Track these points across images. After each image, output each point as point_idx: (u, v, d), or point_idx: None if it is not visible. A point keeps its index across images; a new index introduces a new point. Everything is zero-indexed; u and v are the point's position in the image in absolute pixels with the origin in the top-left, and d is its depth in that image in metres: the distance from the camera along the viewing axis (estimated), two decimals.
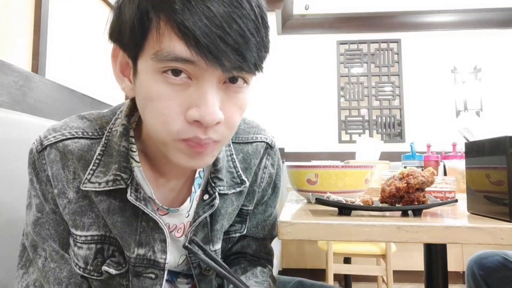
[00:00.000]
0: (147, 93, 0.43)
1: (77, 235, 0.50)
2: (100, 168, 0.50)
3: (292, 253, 2.79)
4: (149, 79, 0.42)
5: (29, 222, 0.52)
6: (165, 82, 0.42)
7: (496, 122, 3.10)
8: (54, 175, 0.50)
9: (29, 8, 0.95)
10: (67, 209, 0.50)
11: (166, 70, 0.41)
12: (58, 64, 1.08)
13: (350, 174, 0.84)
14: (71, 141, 0.51)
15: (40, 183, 0.51)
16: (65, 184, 0.50)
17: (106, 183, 0.49)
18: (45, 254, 0.51)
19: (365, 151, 1.89)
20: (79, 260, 0.51)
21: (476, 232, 0.55)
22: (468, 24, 3.19)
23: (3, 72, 0.80)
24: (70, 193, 0.50)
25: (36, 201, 0.51)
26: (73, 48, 1.16)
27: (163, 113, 0.42)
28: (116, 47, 0.48)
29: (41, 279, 0.51)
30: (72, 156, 0.51)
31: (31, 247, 0.52)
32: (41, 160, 0.51)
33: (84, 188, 0.50)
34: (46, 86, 0.95)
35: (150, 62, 0.42)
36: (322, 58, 3.28)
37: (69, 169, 0.51)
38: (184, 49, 0.39)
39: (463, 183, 1.21)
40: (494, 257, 1.19)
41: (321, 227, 0.57)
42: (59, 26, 1.08)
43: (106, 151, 0.51)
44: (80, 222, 0.50)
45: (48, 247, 0.51)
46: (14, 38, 0.90)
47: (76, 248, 0.51)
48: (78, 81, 1.18)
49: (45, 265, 0.51)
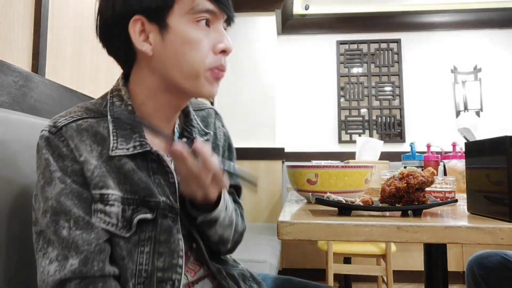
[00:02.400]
0: (185, 39, 0.58)
1: (108, 194, 0.57)
2: (120, 138, 0.59)
3: (292, 253, 2.79)
4: (186, 28, 0.58)
5: (51, 196, 0.55)
6: (198, 29, 0.59)
7: (496, 122, 3.10)
8: (76, 147, 0.57)
9: (29, 8, 0.95)
10: (95, 173, 0.57)
11: (199, 19, 0.59)
12: (58, 64, 1.08)
13: (350, 174, 0.84)
14: (81, 121, 0.59)
15: (57, 160, 0.56)
16: (87, 154, 0.57)
17: (134, 147, 0.59)
18: (68, 225, 0.54)
19: (365, 151, 1.89)
20: (112, 217, 0.56)
21: (476, 232, 0.55)
22: (468, 24, 3.19)
23: (3, 72, 0.80)
24: (93, 161, 0.57)
25: (57, 175, 0.55)
26: (73, 48, 1.16)
27: (200, 49, 0.59)
28: (137, 18, 0.58)
29: (65, 251, 0.53)
30: (86, 132, 0.59)
31: (52, 222, 0.54)
32: (59, 138, 0.57)
33: (114, 154, 0.58)
34: (46, 86, 0.95)
35: (185, 15, 0.58)
36: (322, 58, 3.28)
37: (85, 142, 0.58)
38: (209, 4, 0.59)
39: (463, 183, 1.22)
40: (494, 257, 1.19)
41: (321, 227, 0.57)
42: (59, 26, 1.08)
43: (116, 124, 0.61)
44: (109, 183, 0.57)
45: (72, 216, 0.54)
46: (14, 38, 0.90)
47: (108, 207, 0.56)
48: (78, 81, 1.18)
49: (70, 233, 0.54)
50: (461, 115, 3.14)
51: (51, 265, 0.53)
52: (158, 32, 0.59)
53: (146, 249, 0.58)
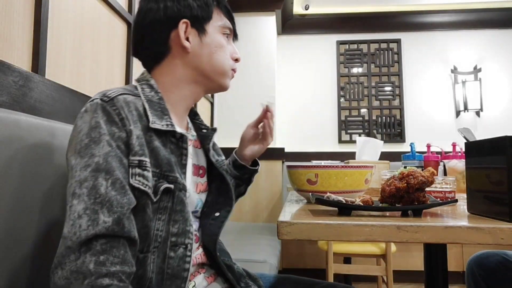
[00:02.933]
0: (217, 43, 0.77)
1: (146, 161, 0.63)
2: (153, 117, 0.68)
3: (292, 253, 2.79)
4: (218, 36, 0.78)
5: (99, 154, 0.59)
6: (224, 39, 0.79)
7: (496, 122, 3.10)
8: (126, 116, 0.64)
9: (29, 8, 0.95)
10: (137, 142, 0.63)
11: (224, 33, 0.79)
12: (58, 64, 1.08)
13: (350, 174, 0.84)
14: (126, 95, 0.67)
15: (107, 125, 0.62)
16: (133, 124, 0.64)
17: (167, 125, 0.69)
18: (106, 183, 0.58)
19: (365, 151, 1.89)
20: (148, 181, 0.63)
21: (476, 232, 0.55)
22: (468, 24, 3.19)
23: (3, 72, 0.80)
24: (137, 131, 0.64)
25: (106, 138, 0.61)
26: (73, 48, 1.16)
27: (226, 53, 0.79)
28: (185, 21, 0.74)
29: (96, 207, 0.56)
30: (132, 104, 0.66)
31: (92, 176, 0.58)
32: (111, 106, 0.63)
33: (153, 126, 0.66)
34: (46, 86, 0.95)
35: (218, 27, 0.78)
36: (322, 58, 3.28)
37: (132, 113, 0.65)
38: (229, 23, 0.80)
39: (463, 183, 1.22)
40: (494, 257, 1.19)
41: (321, 227, 0.57)
42: (59, 26, 1.08)
43: (149, 105, 0.69)
44: (146, 152, 0.64)
45: (112, 177, 0.59)
46: (14, 38, 0.90)
47: (146, 172, 0.63)
48: (78, 81, 1.18)
49: (107, 192, 0.57)
50: (461, 115, 3.14)
51: (81, 219, 0.55)
52: (197, 35, 0.75)
53: (163, 217, 0.65)
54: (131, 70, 1.54)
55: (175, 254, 0.65)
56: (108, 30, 1.38)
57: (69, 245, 0.53)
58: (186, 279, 0.66)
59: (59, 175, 0.78)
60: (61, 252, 0.54)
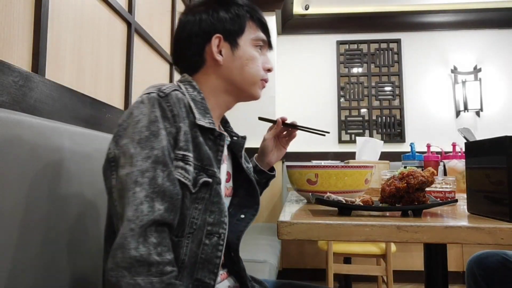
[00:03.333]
0: (249, 55, 0.81)
1: (189, 156, 0.69)
2: (198, 115, 0.73)
3: (292, 253, 2.79)
4: (249, 48, 0.81)
5: (159, 147, 0.64)
6: (257, 51, 0.83)
7: (496, 122, 3.10)
8: (178, 113, 0.68)
9: (29, 8, 0.95)
10: (183, 137, 0.68)
11: (257, 45, 0.83)
12: (58, 64, 1.08)
13: (350, 174, 0.84)
14: (177, 92, 0.71)
15: (163, 120, 0.67)
16: (182, 121, 0.69)
17: (209, 123, 0.74)
18: (163, 175, 0.63)
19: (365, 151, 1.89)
20: (189, 174, 0.68)
21: (476, 232, 0.55)
22: (468, 24, 3.19)
23: (3, 72, 0.80)
24: (185, 128, 0.69)
25: (163, 132, 0.66)
26: (73, 48, 1.16)
27: (258, 65, 0.82)
28: (218, 36, 0.78)
29: (153, 195, 0.61)
30: (182, 101, 0.71)
31: (152, 168, 0.63)
32: (166, 102, 0.68)
33: (198, 123, 0.72)
34: (46, 86, 0.95)
35: (250, 40, 0.81)
36: (322, 58, 3.28)
37: (182, 110, 0.70)
38: (263, 36, 0.84)
39: (463, 183, 1.22)
40: (494, 257, 1.19)
41: (321, 227, 0.57)
42: (59, 26, 1.08)
43: (194, 103, 0.75)
44: (190, 147, 0.69)
45: (167, 169, 0.64)
46: (14, 38, 0.90)
47: (188, 166, 0.68)
48: (78, 81, 1.18)
49: (163, 182, 0.63)
50: (461, 115, 3.14)
51: (143, 205, 0.60)
52: (230, 48, 0.80)
53: (199, 206, 0.70)
54: (131, 70, 1.54)
55: (209, 241, 0.70)
56: (108, 30, 1.38)
57: (133, 227, 0.58)
58: (218, 265, 0.71)
59: (59, 175, 0.78)
60: (124, 233, 0.58)
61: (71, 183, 0.82)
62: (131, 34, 1.54)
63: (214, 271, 0.70)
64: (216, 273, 0.71)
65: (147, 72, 1.78)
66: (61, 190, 0.78)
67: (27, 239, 0.68)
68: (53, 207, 0.76)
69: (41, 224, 0.72)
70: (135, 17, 1.59)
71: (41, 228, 0.72)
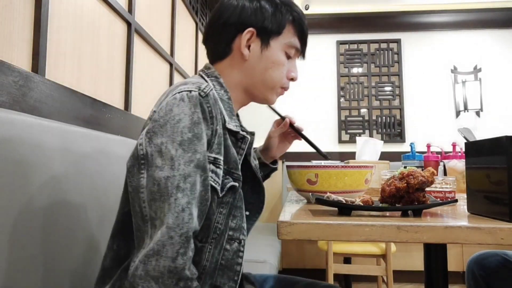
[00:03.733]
0: (276, 59, 0.77)
1: (219, 159, 0.67)
2: (227, 117, 0.72)
3: (292, 253, 2.79)
4: (278, 52, 0.77)
5: (201, 151, 0.62)
6: (285, 56, 0.79)
7: (496, 122, 3.10)
8: (215, 115, 0.66)
9: (29, 8, 0.95)
10: (217, 139, 0.66)
11: (289, 51, 0.79)
12: (58, 64, 1.08)
13: (350, 174, 0.84)
14: (214, 91, 0.70)
15: (204, 121, 0.64)
16: (217, 122, 0.66)
17: (236, 126, 0.73)
18: (201, 180, 0.61)
19: (365, 151, 1.89)
20: (219, 178, 0.66)
21: (476, 232, 0.55)
22: (468, 24, 3.19)
23: (3, 72, 0.80)
24: (219, 130, 0.67)
25: (204, 135, 0.63)
26: (73, 48, 1.16)
27: (282, 71, 0.79)
28: (251, 30, 0.74)
29: (192, 201, 0.59)
30: (218, 102, 0.70)
31: (194, 172, 0.60)
32: (206, 103, 0.65)
33: (228, 126, 0.71)
34: (46, 86, 0.95)
35: (283, 45, 0.77)
36: (322, 58, 3.28)
37: (218, 111, 0.68)
38: (299, 44, 0.80)
39: (463, 183, 1.21)
40: (494, 257, 1.19)
41: (321, 227, 0.57)
42: (59, 26, 1.08)
43: (222, 103, 0.73)
44: (221, 150, 0.68)
45: (205, 174, 0.62)
46: (14, 38, 0.90)
47: (218, 170, 0.66)
48: (78, 81, 1.18)
49: (200, 189, 0.61)
50: (461, 115, 3.14)
51: (184, 213, 0.57)
52: (260, 46, 0.76)
53: (224, 211, 0.68)
54: (131, 70, 1.54)
55: (230, 247, 0.69)
56: (108, 30, 1.38)
57: (172, 235, 0.56)
58: (239, 273, 0.69)
59: (59, 174, 0.78)
60: (163, 241, 0.55)
61: (71, 183, 0.82)
62: (131, 34, 1.54)
63: (235, 279, 0.68)
64: (237, 281, 0.68)
65: (147, 72, 1.78)
66: (61, 190, 0.78)
67: (26, 238, 0.68)
68: (53, 207, 0.76)
69: (40, 224, 0.72)
70: (135, 17, 1.59)
71: (41, 228, 0.72)
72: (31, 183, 0.70)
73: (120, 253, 0.68)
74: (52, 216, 0.75)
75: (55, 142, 0.78)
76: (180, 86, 0.65)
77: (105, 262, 0.69)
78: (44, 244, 0.72)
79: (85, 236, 0.85)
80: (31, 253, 0.69)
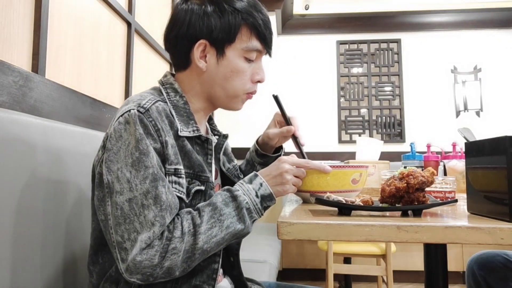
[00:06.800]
0: (234, 68, 0.74)
1: (180, 169, 0.68)
2: (181, 123, 0.72)
3: (292, 253, 2.79)
4: (236, 60, 0.75)
5: (152, 164, 0.63)
6: (245, 62, 0.76)
7: (496, 122, 3.10)
8: (161, 128, 0.66)
9: (29, 8, 0.95)
10: (171, 151, 0.67)
11: (248, 55, 0.75)
12: (58, 64, 1.08)
13: (332, 174, 0.84)
14: (158, 103, 0.69)
15: (147, 137, 0.64)
16: (166, 134, 0.67)
17: (193, 131, 0.73)
18: (164, 190, 0.63)
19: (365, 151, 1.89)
20: (183, 187, 0.68)
21: (476, 232, 0.55)
22: (468, 24, 3.19)
23: (3, 72, 0.80)
24: (170, 141, 0.67)
25: (151, 149, 0.64)
26: (73, 48, 1.16)
27: (243, 78, 0.76)
28: (203, 42, 0.73)
29: (163, 213, 0.62)
30: (164, 114, 0.69)
31: (153, 187, 0.62)
32: (148, 118, 0.65)
33: (181, 134, 0.70)
34: (46, 86, 0.95)
35: (240, 50, 0.74)
36: (322, 58, 3.28)
37: (164, 123, 0.68)
38: (259, 45, 0.76)
39: (463, 183, 1.21)
40: (494, 257, 1.19)
41: (321, 227, 0.57)
42: (59, 26, 1.08)
43: (175, 110, 0.73)
44: (179, 159, 0.69)
45: (166, 183, 0.64)
46: (14, 38, 0.90)
47: (180, 179, 0.68)
48: (78, 81, 1.18)
49: (167, 197, 0.63)
50: (461, 115, 3.14)
51: (155, 227, 0.61)
52: (215, 56, 0.74)
53: None
54: (131, 70, 1.54)
55: None
56: (108, 30, 1.38)
57: (150, 251, 0.60)
58: (217, 271, 0.71)
59: (59, 174, 0.78)
60: (142, 259, 0.59)
61: (71, 183, 0.82)
62: (131, 34, 1.54)
63: (213, 277, 0.71)
64: (215, 278, 0.71)
65: (147, 72, 1.78)
66: (60, 190, 0.78)
67: (25, 238, 0.68)
68: (52, 207, 0.76)
69: (40, 224, 0.72)
70: (135, 17, 1.59)
71: (40, 227, 0.72)
72: (30, 183, 0.70)
73: (105, 266, 0.71)
74: (51, 215, 0.75)
75: (55, 142, 0.78)
76: (124, 107, 0.67)
77: (92, 278, 0.72)
78: (42, 244, 0.72)
79: (86, 236, 0.85)
80: (31, 253, 0.69)
